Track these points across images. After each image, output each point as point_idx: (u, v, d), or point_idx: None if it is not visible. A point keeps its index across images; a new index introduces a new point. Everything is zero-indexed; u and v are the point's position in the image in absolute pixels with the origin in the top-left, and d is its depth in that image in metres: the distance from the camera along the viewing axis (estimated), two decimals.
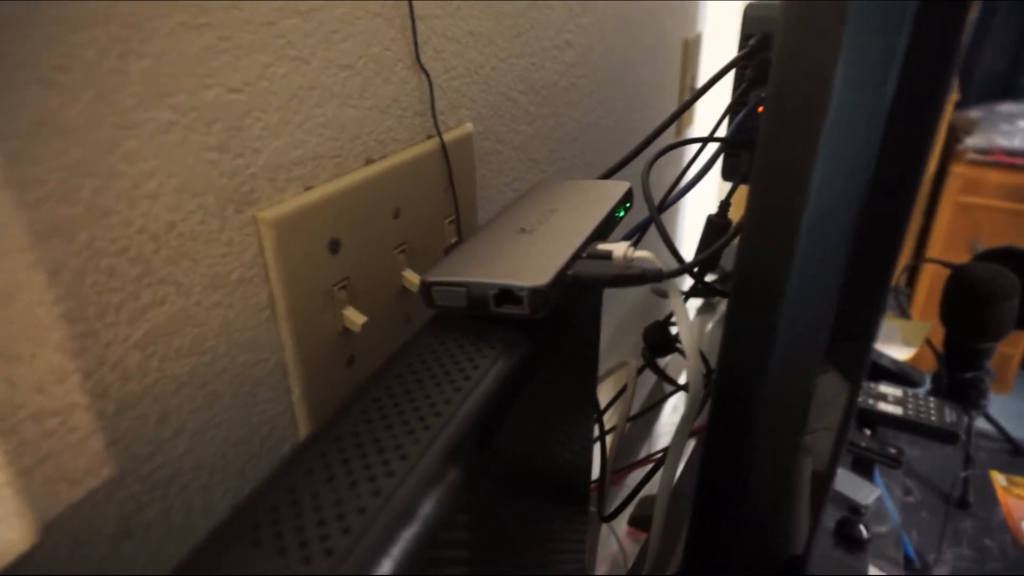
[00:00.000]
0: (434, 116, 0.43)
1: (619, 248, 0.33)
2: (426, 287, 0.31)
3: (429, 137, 0.43)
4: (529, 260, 0.32)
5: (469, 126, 0.47)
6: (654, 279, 0.32)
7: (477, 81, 0.47)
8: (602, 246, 0.33)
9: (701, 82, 1.07)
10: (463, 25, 0.44)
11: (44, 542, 0.26)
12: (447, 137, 0.44)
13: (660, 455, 0.53)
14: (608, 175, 0.46)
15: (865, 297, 0.27)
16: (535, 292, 0.29)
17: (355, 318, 0.38)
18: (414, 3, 0.39)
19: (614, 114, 0.75)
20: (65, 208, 0.24)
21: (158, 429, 0.30)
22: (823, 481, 0.33)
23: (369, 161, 0.39)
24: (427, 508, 0.22)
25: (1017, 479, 0.87)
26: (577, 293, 0.36)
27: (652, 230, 0.47)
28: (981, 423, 0.91)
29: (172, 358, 0.30)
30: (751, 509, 0.32)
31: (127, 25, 0.25)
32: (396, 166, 0.40)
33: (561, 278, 0.31)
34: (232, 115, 0.30)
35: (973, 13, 0.22)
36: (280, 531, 0.20)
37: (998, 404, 0.93)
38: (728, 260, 0.65)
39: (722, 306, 1.25)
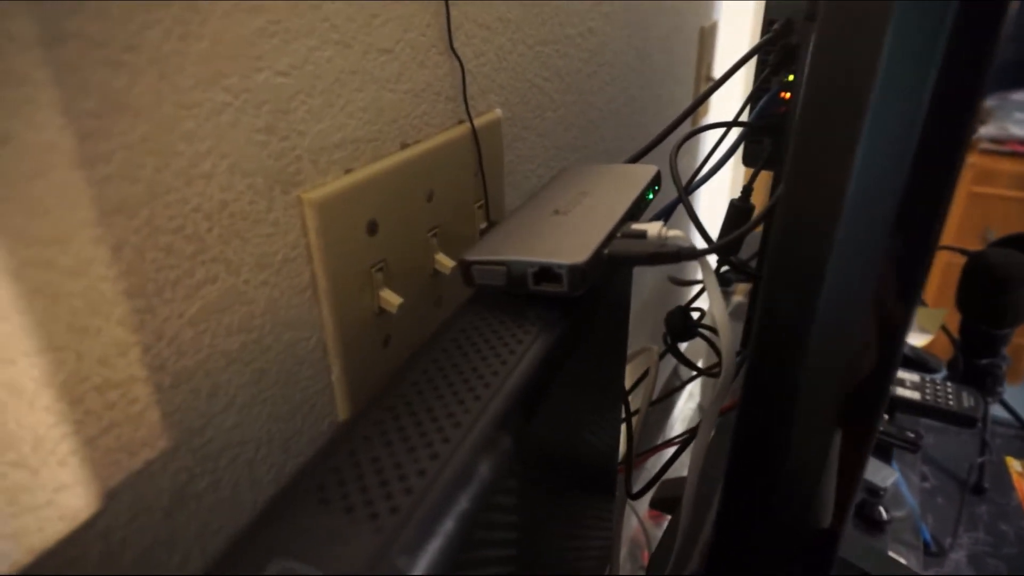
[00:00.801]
0: (465, 102, 0.44)
1: (653, 228, 0.34)
2: (466, 266, 0.32)
3: (460, 122, 0.44)
4: (566, 240, 0.32)
5: (498, 112, 0.47)
6: (689, 257, 0.32)
7: (506, 67, 0.48)
8: (636, 226, 0.34)
9: (717, 70, 1.07)
10: (493, 11, 0.45)
11: (105, 511, 0.27)
12: (477, 122, 0.44)
13: (683, 437, 0.53)
14: (635, 159, 0.47)
15: (904, 274, 0.28)
16: (573, 270, 0.30)
17: (391, 299, 0.38)
18: None
19: (634, 102, 0.76)
20: (128, 185, 0.25)
21: (209, 403, 0.31)
22: (856, 460, 0.34)
23: (404, 145, 0.39)
24: (483, 471, 0.23)
25: None
26: (609, 274, 0.37)
27: (675, 213, 0.48)
28: (996, 410, 0.91)
29: (222, 335, 0.31)
30: (785, 484, 0.33)
31: (187, 7, 0.25)
32: (430, 150, 0.40)
33: (598, 256, 0.31)
34: (280, 98, 0.31)
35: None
36: (346, 491, 0.21)
37: (1012, 394, 0.93)
38: (745, 251, 0.66)
39: (737, 297, 1.26)
